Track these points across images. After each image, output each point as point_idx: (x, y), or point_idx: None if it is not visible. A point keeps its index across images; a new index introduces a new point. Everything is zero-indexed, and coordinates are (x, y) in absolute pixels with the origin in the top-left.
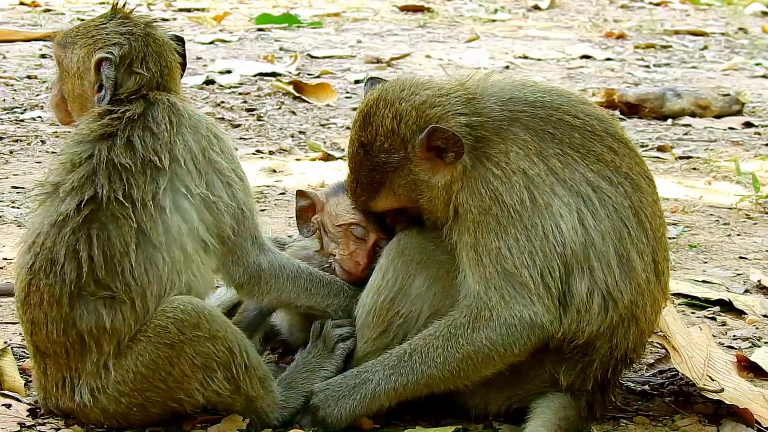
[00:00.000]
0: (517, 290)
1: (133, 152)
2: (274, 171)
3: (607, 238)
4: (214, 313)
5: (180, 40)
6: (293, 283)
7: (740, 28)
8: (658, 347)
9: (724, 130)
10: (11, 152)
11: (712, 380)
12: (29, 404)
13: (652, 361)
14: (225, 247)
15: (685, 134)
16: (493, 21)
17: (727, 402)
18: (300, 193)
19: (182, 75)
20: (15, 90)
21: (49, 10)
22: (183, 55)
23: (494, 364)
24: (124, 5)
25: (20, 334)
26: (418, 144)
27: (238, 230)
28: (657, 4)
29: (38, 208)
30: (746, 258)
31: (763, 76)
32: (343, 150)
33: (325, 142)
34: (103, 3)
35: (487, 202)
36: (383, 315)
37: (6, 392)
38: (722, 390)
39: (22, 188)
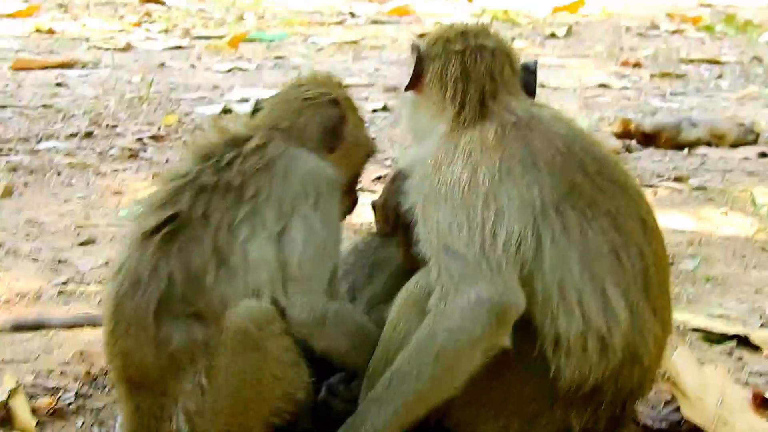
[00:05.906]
0: (462, 269)
1: (219, 172)
2: None
3: (572, 265)
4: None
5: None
6: (349, 339)
7: (754, 57)
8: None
9: (740, 159)
10: (26, 184)
11: (725, 424)
12: None
13: (669, 397)
14: (296, 286)
15: (701, 164)
16: None
17: None
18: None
19: (335, 143)
20: (30, 120)
21: (65, 38)
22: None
23: (469, 355)
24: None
25: (33, 372)
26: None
27: (307, 275)
28: (673, 32)
29: (131, 227)
30: (762, 291)
31: None
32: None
33: None
34: (122, 30)
35: (428, 167)
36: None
37: None
38: None
39: (37, 222)
